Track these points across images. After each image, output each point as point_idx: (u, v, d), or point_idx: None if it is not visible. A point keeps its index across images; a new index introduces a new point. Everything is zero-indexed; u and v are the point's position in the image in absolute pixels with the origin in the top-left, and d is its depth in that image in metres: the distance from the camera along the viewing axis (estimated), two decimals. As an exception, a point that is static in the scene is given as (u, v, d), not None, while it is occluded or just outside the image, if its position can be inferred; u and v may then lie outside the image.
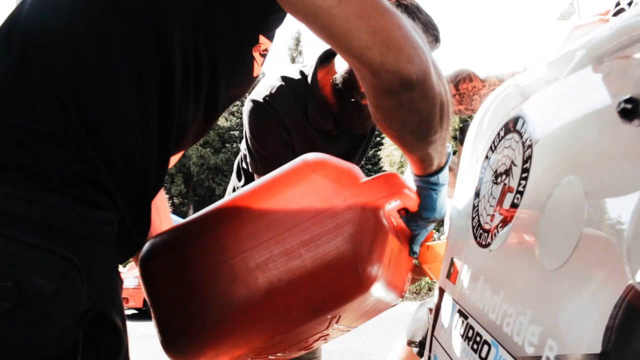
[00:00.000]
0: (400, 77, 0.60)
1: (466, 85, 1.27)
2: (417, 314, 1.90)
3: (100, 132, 0.63)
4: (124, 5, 0.66)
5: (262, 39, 0.80)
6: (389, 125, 0.68)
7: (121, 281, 0.74)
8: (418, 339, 1.75)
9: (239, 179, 1.63)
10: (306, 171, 0.80)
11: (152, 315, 0.82)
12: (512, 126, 0.69)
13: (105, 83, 0.64)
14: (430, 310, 0.96)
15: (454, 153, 1.24)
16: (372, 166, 23.71)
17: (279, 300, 0.74)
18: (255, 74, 0.84)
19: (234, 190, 1.66)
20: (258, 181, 0.86)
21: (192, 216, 0.87)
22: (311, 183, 0.77)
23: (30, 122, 0.60)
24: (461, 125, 1.10)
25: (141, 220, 0.73)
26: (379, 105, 0.66)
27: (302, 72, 1.40)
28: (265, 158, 1.37)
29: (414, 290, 10.12)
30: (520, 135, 0.65)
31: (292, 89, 1.36)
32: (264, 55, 0.84)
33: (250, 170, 1.44)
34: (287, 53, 29.51)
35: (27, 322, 0.54)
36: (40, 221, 0.57)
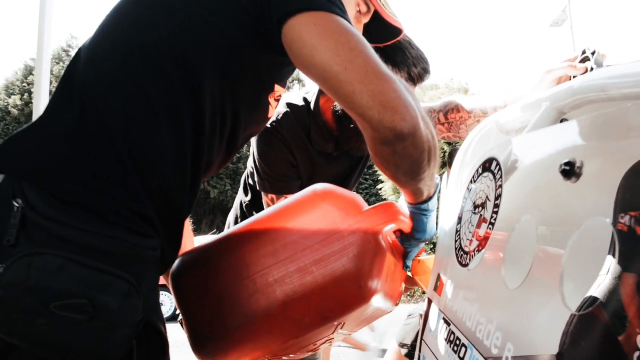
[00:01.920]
0: (394, 132, 0.74)
1: (454, 115, 1.41)
2: (407, 321, 2.06)
3: (147, 174, 0.77)
4: (164, 66, 0.79)
5: (277, 87, 0.94)
6: (385, 168, 0.82)
7: (159, 294, 0.87)
8: (408, 342, 1.91)
9: (246, 195, 1.76)
10: (316, 200, 0.94)
11: (184, 322, 0.96)
12: (488, 166, 0.84)
13: (150, 133, 0.78)
14: (421, 316, 1.11)
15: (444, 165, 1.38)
16: (369, 175, 23.92)
17: (294, 310, 0.88)
18: (269, 116, 0.99)
19: (241, 204, 1.79)
20: (274, 207, 1.00)
21: (216, 237, 1.01)
22: (321, 211, 0.91)
23: (90, 166, 0.74)
24: (450, 151, 1.25)
25: (175, 243, 0.86)
26: (378, 152, 0.80)
27: (305, 99, 1.54)
28: (272, 178, 1.50)
29: (409, 294, 10.29)
30: (494, 175, 0.80)
31: (296, 114, 1.50)
32: (277, 100, 0.98)
33: (258, 188, 1.58)
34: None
35: (98, 331, 0.68)
36: (104, 249, 0.71)
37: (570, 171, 0.57)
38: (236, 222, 1.78)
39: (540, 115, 0.83)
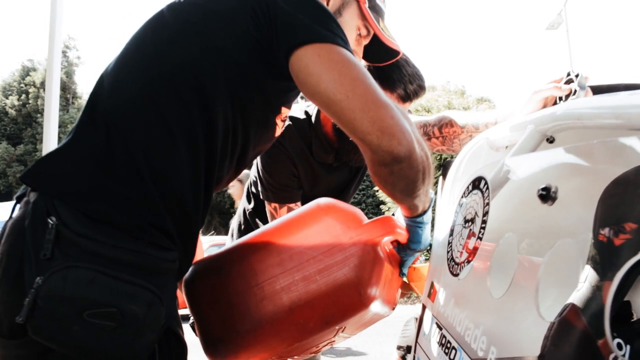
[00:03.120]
0: (392, 155, 0.82)
1: (448, 130, 1.49)
2: (406, 330, 2.15)
3: (166, 191, 0.84)
4: (181, 93, 0.86)
5: (283, 109, 1.02)
6: (383, 186, 0.90)
7: (176, 302, 0.95)
8: (406, 344, 2.00)
9: (249, 202, 1.84)
10: (320, 214, 1.01)
11: (196, 326, 1.03)
12: (477, 184, 0.92)
13: (169, 154, 0.85)
14: (416, 319, 1.19)
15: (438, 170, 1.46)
16: (366, 177, 23.97)
17: (299, 315, 0.96)
18: (276, 135, 1.06)
19: (244, 211, 1.86)
20: (280, 220, 1.08)
21: (226, 247, 1.09)
22: (324, 223, 0.99)
23: (116, 185, 0.82)
24: (444, 162, 1.33)
25: (190, 255, 0.94)
26: (376, 172, 0.87)
27: (306, 112, 1.62)
28: (275, 188, 1.58)
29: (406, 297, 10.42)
30: (482, 193, 0.87)
31: (298, 127, 1.58)
32: (283, 121, 1.05)
33: (261, 197, 1.65)
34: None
35: (126, 337, 0.75)
36: (130, 263, 0.78)
37: (547, 195, 0.65)
38: (239, 229, 1.86)
39: (525, 137, 0.91)
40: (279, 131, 1.05)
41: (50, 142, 2.82)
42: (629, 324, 0.51)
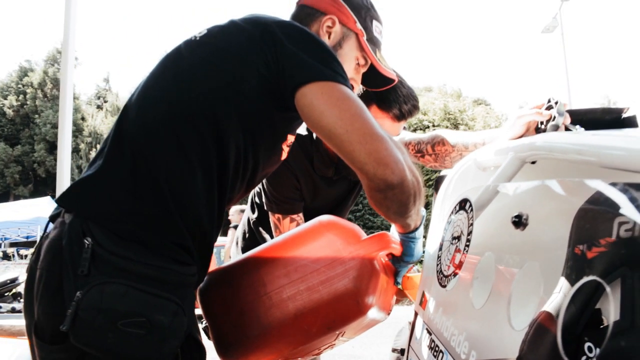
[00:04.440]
0: (386, 182, 0.93)
1: (440, 148, 1.61)
2: (400, 335, 2.27)
3: (186, 212, 0.94)
4: (197, 124, 0.96)
5: (289, 136, 1.12)
6: (379, 208, 1.01)
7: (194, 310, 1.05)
8: (400, 347, 2.11)
9: (253, 212, 1.94)
10: (322, 230, 1.12)
11: (210, 331, 1.14)
12: (463, 204, 1.03)
13: (187, 179, 0.95)
14: (409, 323, 1.29)
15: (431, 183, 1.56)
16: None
17: (303, 321, 1.06)
18: (282, 159, 1.17)
19: (248, 220, 1.97)
20: (286, 235, 1.19)
21: (236, 259, 1.19)
22: (326, 239, 1.10)
23: (142, 208, 0.92)
24: (437, 177, 1.44)
25: (205, 267, 1.04)
26: (372, 196, 0.98)
27: (308, 129, 1.72)
28: (279, 200, 1.69)
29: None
30: (467, 213, 0.98)
31: (300, 143, 1.68)
32: (289, 146, 1.16)
33: (265, 208, 1.76)
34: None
35: (154, 343, 0.86)
36: (157, 278, 0.88)
37: (519, 222, 0.76)
38: (244, 237, 1.96)
39: (506, 163, 1.02)
40: (284, 155, 1.16)
41: (64, 146, 2.93)
42: (600, 329, 0.59)
